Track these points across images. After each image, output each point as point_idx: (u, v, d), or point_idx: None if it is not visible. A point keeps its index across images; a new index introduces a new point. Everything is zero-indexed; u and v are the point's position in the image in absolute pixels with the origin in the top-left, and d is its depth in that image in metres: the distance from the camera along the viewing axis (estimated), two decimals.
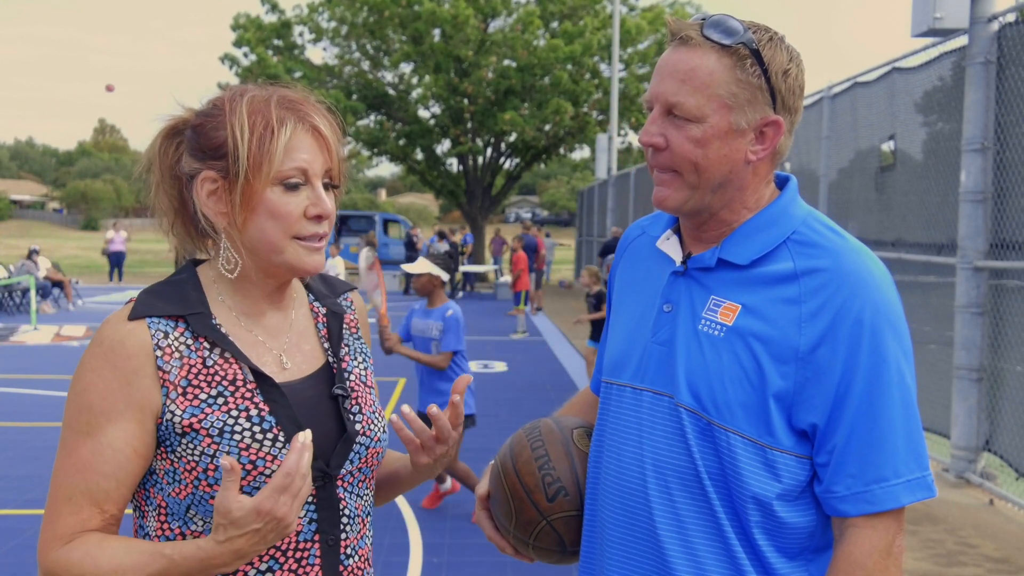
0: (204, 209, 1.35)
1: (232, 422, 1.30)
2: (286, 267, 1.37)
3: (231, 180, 1.33)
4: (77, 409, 1.29)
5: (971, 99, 5.92)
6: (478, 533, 1.69)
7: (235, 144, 1.31)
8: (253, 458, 1.30)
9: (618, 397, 1.52)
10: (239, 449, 1.29)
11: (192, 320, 1.34)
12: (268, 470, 1.30)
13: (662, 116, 1.41)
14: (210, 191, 1.35)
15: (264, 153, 1.31)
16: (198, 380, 1.31)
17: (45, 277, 18.23)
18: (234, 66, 27.96)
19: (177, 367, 1.31)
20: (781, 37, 1.42)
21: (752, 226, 1.44)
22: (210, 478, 1.29)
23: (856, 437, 1.34)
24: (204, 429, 1.29)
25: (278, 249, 1.35)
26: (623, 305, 1.60)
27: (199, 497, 1.30)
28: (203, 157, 1.35)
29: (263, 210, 1.33)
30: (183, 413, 1.29)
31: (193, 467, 1.29)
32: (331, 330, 1.50)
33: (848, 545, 1.36)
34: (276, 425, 1.33)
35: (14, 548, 4.95)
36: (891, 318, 1.36)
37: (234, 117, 1.33)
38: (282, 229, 1.34)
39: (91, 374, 1.29)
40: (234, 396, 1.32)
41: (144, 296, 1.35)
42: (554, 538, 1.58)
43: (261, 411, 1.33)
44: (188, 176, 1.38)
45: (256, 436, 1.31)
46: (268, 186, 1.32)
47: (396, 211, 60.34)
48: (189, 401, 1.30)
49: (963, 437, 6.05)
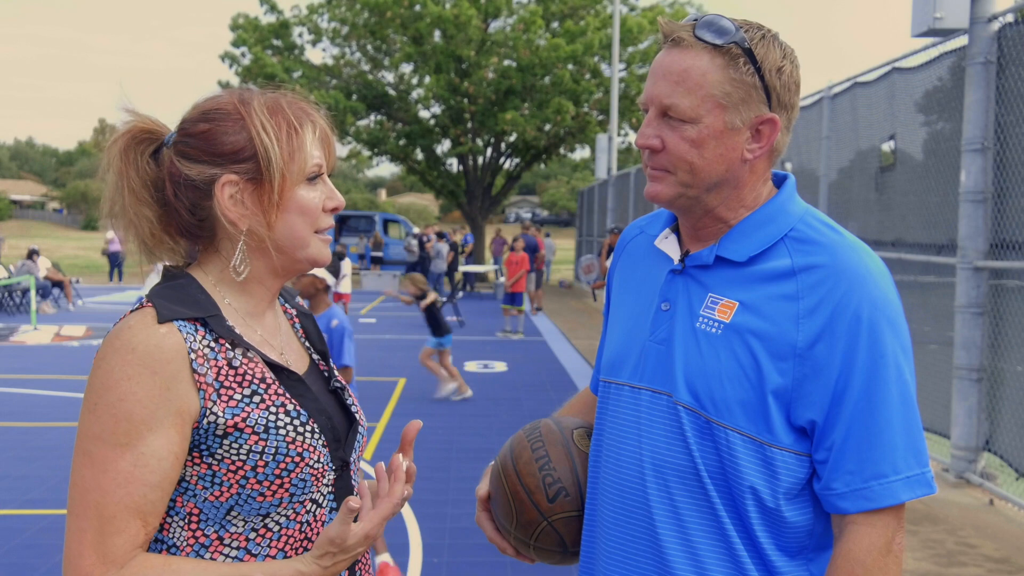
0: (227, 213, 1.35)
1: (274, 418, 1.32)
2: (309, 261, 1.41)
3: (257, 181, 1.35)
4: (113, 420, 1.25)
5: (971, 99, 5.92)
6: (478, 534, 1.69)
7: (264, 146, 1.34)
8: (300, 450, 1.33)
9: (617, 396, 1.52)
10: (286, 443, 1.32)
11: (211, 322, 1.33)
12: (313, 460, 1.35)
13: (658, 118, 1.42)
14: (231, 194, 1.35)
15: (295, 151, 1.36)
16: (229, 381, 1.31)
17: (45, 277, 18.22)
18: (234, 65, 27.96)
19: (209, 369, 1.30)
20: (774, 35, 1.42)
21: (750, 224, 1.45)
22: (259, 475, 1.30)
23: (854, 433, 1.34)
24: (249, 427, 1.30)
25: (304, 243, 1.39)
26: (622, 304, 1.61)
27: (245, 496, 1.31)
28: (221, 162, 1.35)
29: (294, 207, 1.37)
30: (224, 414, 1.29)
31: (239, 466, 1.30)
32: (307, 330, 1.57)
33: (847, 542, 1.36)
34: (310, 418, 1.37)
35: (14, 548, 4.95)
36: (889, 314, 1.36)
37: (254, 120, 1.35)
38: (309, 224, 1.39)
39: (128, 382, 1.25)
40: (267, 393, 1.34)
41: (160, 300, 1.33)
42: (555, 539, 1.58)
43: (295, 405, 1.36)
44: (189, 183, 1.36)
45: (298, 429, 1.34)
46: (298, 183, 1.37)
47: (396, 211, 60.32)
48: (225, 402, 1.30)
49: (963, 437, 6.05)
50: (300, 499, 1.35)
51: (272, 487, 1.31)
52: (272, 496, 1.32)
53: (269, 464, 1.31)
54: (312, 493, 1.37)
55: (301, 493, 1.35)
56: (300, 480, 1.34)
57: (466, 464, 5.50)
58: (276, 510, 1.34)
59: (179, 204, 1.37)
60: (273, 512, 1.34)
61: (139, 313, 1.31)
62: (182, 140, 1.37)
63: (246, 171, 1.35)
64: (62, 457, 6.86)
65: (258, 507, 1.32)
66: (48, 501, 5.77)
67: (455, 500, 5.80)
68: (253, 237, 1.37)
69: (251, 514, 1.33)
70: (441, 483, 6.15)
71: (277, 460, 1.31)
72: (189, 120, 1.38)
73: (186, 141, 1.37)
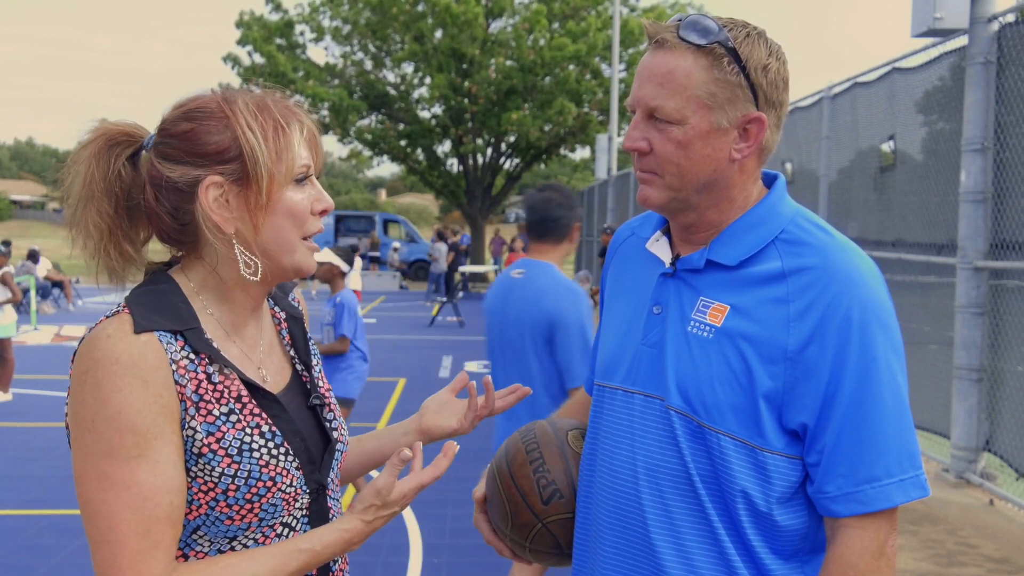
0: (212, 215, 1.28)
1: (248, 440, 1.27)
2: (294, 268, 1.35)
3: (243, 182, 1.28)
4: (118, 435, 1.18)
5: (971, 99, 5.92)
6: (478, 534, 1.69)
7: (251, 145, 1.27)
8: (272, 474, 1.28)
9: (610, 400, 1.51)
10: (259, 466, 1.27)
11: (189, 335, 1.27)
12: (285, 484, 1.29)
13: (644, 120, 1.41)
14: (215, 196, 1.28)
15: (282, 151, 1.30)
16: (208, 396, 1.26)
17: (45, 277, 18.24)
18: (236, 66, 27.95)
19: (189, 381, 1.25)
20: (760, 32, 1.41)
21: (740, 226, 1.44)
22: (229, 499, 1.25)
23: (846, 436, 1.33)
24: (223, 449, 1.25)
25: (292, 249, 1.33)
26: (614, 307, 1.60)
27: (213, 518, 1.26)
28: (204, 163, 1.28)
29: (282, 209, 1.31)
30: (200, 429, 1.24)
31: (211, 487, 1.25)
32: (294, 337, 1.48)
33: (840, 546, 1.36)
34: (285, 440, 1.31)
35: (14, 548, 4.95)
36: (880, 315, 1.35)
37: (239, 118, 1.28)
38: (297, 227, 1.32)
39: (121, 394, 1.19)
40: (243, 413, 1.28)
41: (137, 308, 1.26)
42: (550, 540, 1.58)
43: (270, 426, 1.30)
44: (171, 186, 1.29)
45: (272, 452, 1.29)
46: (286, 184, 1.31)
47: (396, 211, 60.29)
48: (204, 417, 1.25)
49: (963, 437, 6.04)
50: (270, 523, 1.31)
51: (241, 511, 1.27)
52: (240, 520, 1.27)
53: (240, 488, 1.26)
54: (283, 517, 1.32)
55: (271, 518, 1.30)
56: (271, 505, 1.29)
57: (466, 464, 5.51)
58: (244, 533, 1.29)
59: (160, 208, 1.30)
60: (240, 535, 1.29)
61: (116, 320, 1.24)
62: (163, 141, 1.30)
63: (231, 172, 1.28)
64: (62, 457, 6.86)
65: (225, 530, 1.28)
66: (48, 501, 5.77)
67: (455, 500, 5.80)
68: (239, 240, 1.30)
69: (217, 535, 1.28)
70: (441, 483, 6.14)
71: (249, 484, 1.26)
72: (170, 120, 1.31)
73: (167, 142, 1.30)
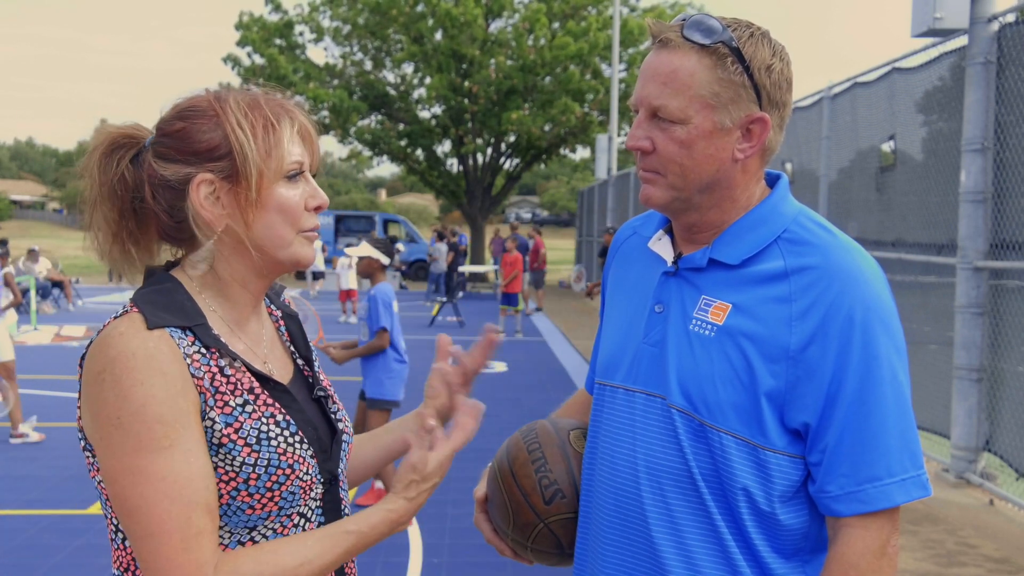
0: (203, 213, 1.31)
1: (265, 429, 1.29)
2: (291, 261, 1.37)
3: (233, 179, 1.30)
4: (146, 428, 1.20)
5: (971, 99, 5.92)
6: (478, 534, 1.69)
7: (240, 142, 1.30)
8: (291, 462, 1.30)
9: (611, 399, 1.51)
10: (278, 455, 1.29)
11: (198, 331, 1.30)
12: (302, 472, 1.32)
13: (647, 119, 1.41)
14: (207, 194, 1.31)
15: (272, 148, 1.31)
16: (224, 388, 1.28)
17: (45, 277, 18.23)
18: (236, 67, 27.93)
19: (204, 374, 1.27)
20: (764, 32, 1.41)
21: (742, 225, 1.44)
22: (251, 487, 1.27)
23: (848, 436, 1.33)
24: (242, 439, 1.27)
25: (286, 243, 1.35)
26: (615, 306, 1.60)
27: (235, 508, 1.28)
28: (196, 161, 1.31)
29: (273, 205, 1.32)
30: (219, 420, 1.27)
31: (232, 477, 1.26)
32: (292, 333, 1.52)
33: (841, 545, 1.36)
34: (299, 429, 1.34)
35: (14, 548, 4.95)
36: (882, 315, 1.35)
37: (229, 116, 1.31)
38: (290, 223, 1.34)
39: (143, 387, 1.20)
40: (256, 404, 1.31)
41: (146, 306, 1.29)
42: (552, 540, 1.58)
43: (284, 416, 1.33)
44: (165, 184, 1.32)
45: (288, 440, 1.31)
46: (276, 181, 1.32)
47: (396, 211, 60.30)
48: (221, 409, 1.27)
49: (963, 437, 6.04)
50: (288, 512, 1.33)
51: (262, 500, 1.29)
52: (261, 509, 1.29)
53: (261, 476, 1.28)
54: (299, 507, 1.34)
55: (289, 507, 1.32)
56: (289, 493, 1.31)
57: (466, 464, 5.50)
58: (263, 523, 1.31)
59: (157, 207, 1.34)
60: (260, 525, 1.31)
61: (127, 319, 1.27)
62: (159, 140, 1.34)
63: (222, 169, 1.31)
64: (62, 457, 6.86)
65: (246, 520, 1.29)
66: (48, 501, 5.77)
67: (455, 500, 5.80)
68: (232, 237, 1.33)
69: (238, 526, 1.30)
70: (441, 483, 6.14)
71: (269, 472, 1.28)
72: (166, 120, 1.35)
73: (162, 141, 1.34)
